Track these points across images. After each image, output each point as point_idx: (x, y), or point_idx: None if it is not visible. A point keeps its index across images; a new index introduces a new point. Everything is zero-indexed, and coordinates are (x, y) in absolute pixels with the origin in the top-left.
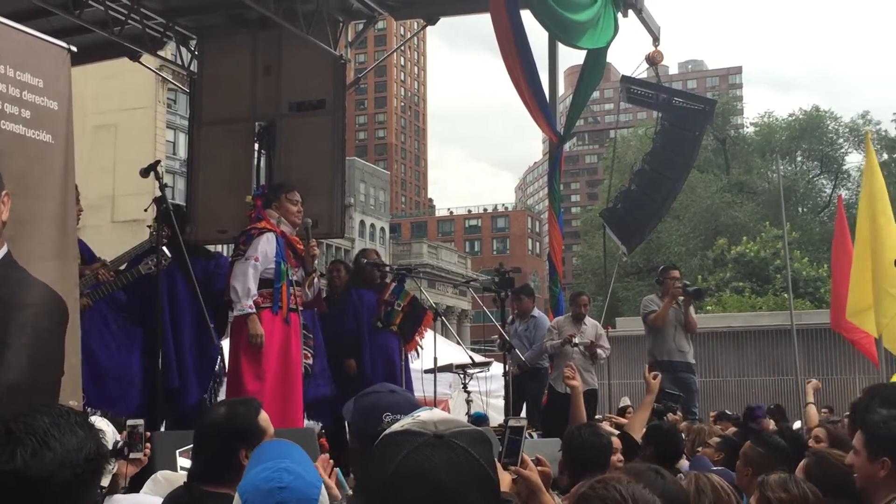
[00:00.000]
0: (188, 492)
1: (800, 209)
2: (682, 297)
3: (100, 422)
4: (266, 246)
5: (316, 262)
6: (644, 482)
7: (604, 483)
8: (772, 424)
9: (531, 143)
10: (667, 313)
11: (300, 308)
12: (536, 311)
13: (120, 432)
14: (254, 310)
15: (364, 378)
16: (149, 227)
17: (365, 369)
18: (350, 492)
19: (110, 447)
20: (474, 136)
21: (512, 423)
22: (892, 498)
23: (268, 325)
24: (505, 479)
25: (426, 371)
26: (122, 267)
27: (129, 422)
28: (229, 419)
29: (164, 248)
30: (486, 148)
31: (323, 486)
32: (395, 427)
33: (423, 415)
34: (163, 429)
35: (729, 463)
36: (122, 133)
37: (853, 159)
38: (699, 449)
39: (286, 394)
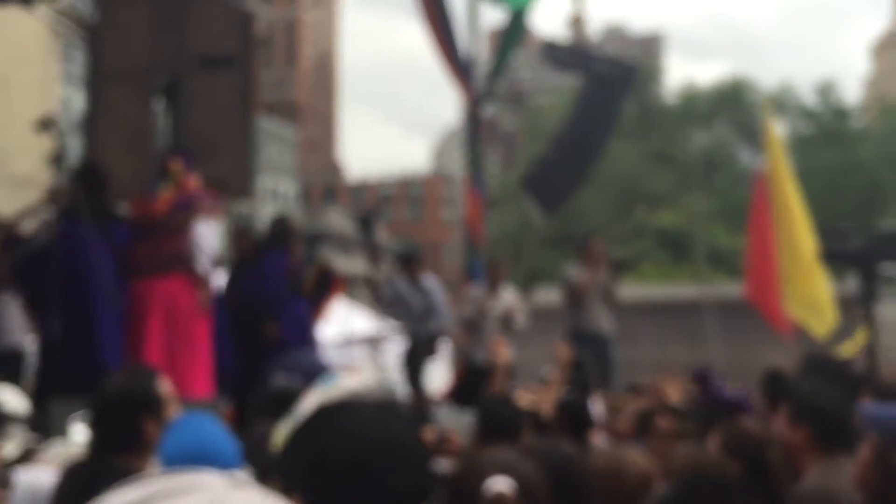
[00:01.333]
0: (90, 463)
1: (719, 179)
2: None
3: (4, 389)
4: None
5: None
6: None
7: (470, 456)
8: None
9: (445, 107)
10: (591, 282)
11: None
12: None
13: None
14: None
15: (282, 343)
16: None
17: (283, 335)
18: None
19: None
20: (384, 97)
21: None
22: (817, 466)
23: (185, 293)
24: None
25: (338, 343)
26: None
27: None
28: (131, 388)
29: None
30: (397, 110)
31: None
32: (316, 397)
33: (345, 384)
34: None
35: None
36: (11, 86)
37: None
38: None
39: (207, 361)
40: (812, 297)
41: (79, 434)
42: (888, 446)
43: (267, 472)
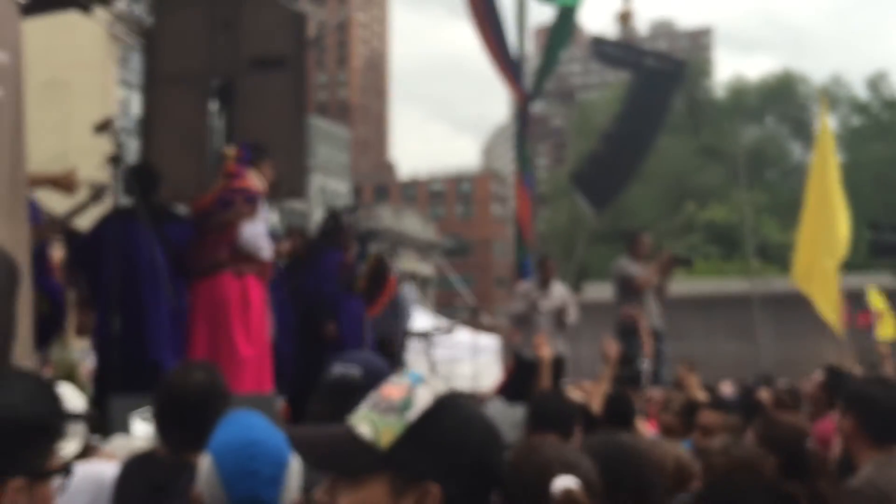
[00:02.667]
0: (153, 455)
1: (769, 173)
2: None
3: (65, 388)
4: (262, 210)
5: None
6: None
7: (529, 447)
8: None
9: (493, 104)
10: (654, 278)
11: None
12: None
13: None
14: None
15: (340, 342)
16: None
17: (341, 333)
18: None
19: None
20: (433, 96)
21: None
22: (870, 459)
23: (254, 291)
24: None
25: None
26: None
27: None
28: (212, 385)
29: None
30: (445, 109)
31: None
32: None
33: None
34: None
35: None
36: (72, 90)
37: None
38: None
39: (261, 359)
40: (831, 290)
41: (140, 429)
42: None
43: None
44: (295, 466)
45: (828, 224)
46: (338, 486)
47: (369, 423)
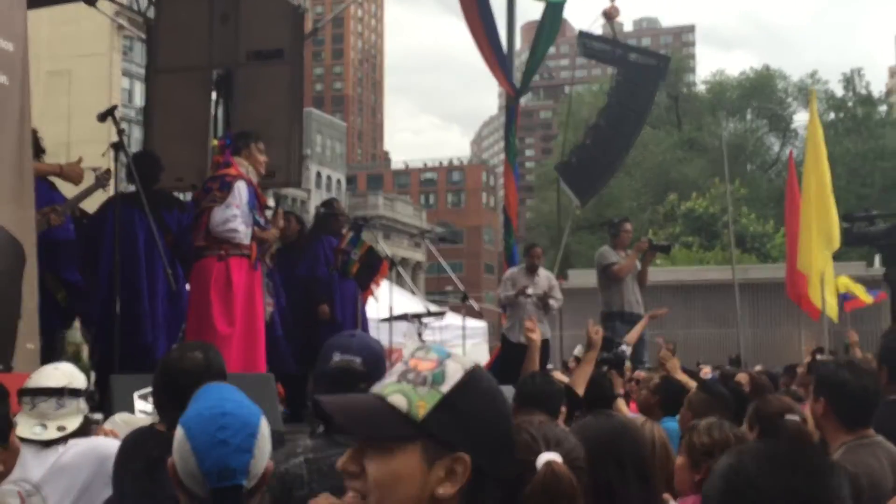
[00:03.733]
0: (155, 433)
1: (749, 166)
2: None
3: (65, 366)
4: (240, 194)
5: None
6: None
7: (516, 426)
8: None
9: (481, 96)
10: (632, 265)
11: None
12: None
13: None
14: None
15: (335, 323)
16: (94, 170)
17: (335, 315)
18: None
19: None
20: (423, 88)
21: None
22: (840, 443)
23: (237, 272)
24: None
25: (382, 320)
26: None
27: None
28: (208, 365)
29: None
30: (435, 100)
31: (263, 418)
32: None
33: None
34: None
35: (664, 406)
36: (76, 80)
37: (801, 118)
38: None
39: (250, 340)
40: (829, 280)
41: (141, 407)
42: None
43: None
44: (265, 435)
45: (825, 213)
46: (366, 453)
47: (402, 394)
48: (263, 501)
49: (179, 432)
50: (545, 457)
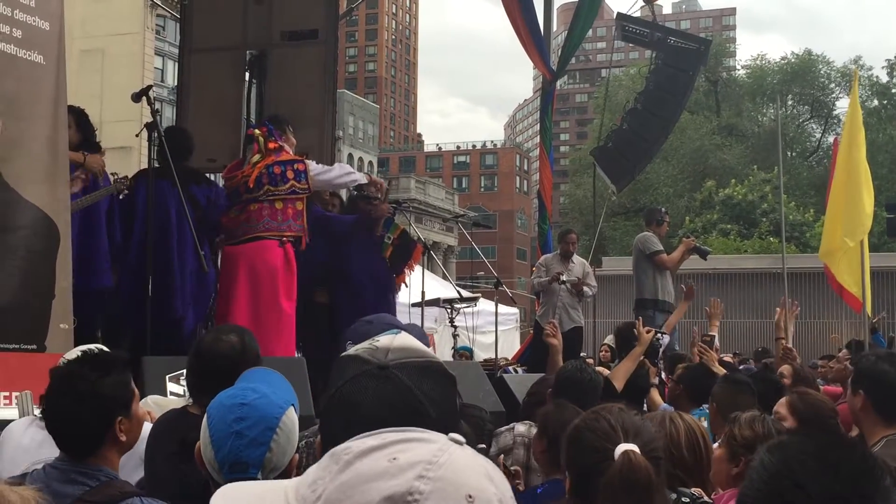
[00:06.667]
0: (188, 415)
1: (789, 153)
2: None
3: (98, 347)
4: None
5: None
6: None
7: (595, 414)
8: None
9: (509, 78)
10: (678, 260)
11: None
12: None
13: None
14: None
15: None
16: (113, 174)
17: (356, 295)
18: None
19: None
20: (449, 70)
21: None
22: (881, 437)
23: (293, 257)
24: None
25: (414, 305)
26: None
27: None
28: (244, 348)
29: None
30: (462, 83)
31: (291, 409)
32: (350, 351)
33: (383, 340)
34: None
35: (689, 396)
36: (109, 59)
37: (843, 104)
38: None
39: (289, 324)
40: (856, 270)
41: (173, 389)
42: None
43: None
44: (289, 428)
45: (852, 202)
46: None
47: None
48: None
49: (205, 418)
50: (623, 447)
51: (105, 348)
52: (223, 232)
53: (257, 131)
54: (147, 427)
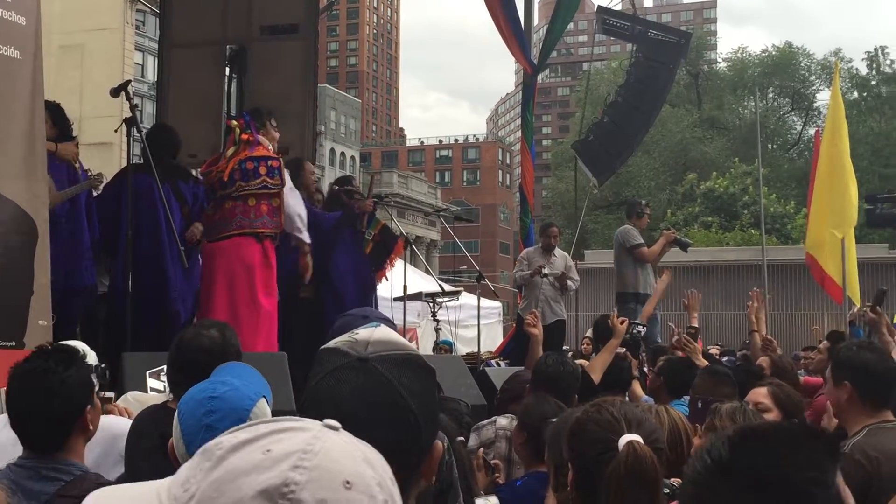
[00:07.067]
0: (168, 411)
1: (770, 146)
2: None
3: (77, 343)
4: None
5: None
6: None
7: (597, 406)
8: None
9: (491, 72)
10: (658, 253)
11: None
12: None
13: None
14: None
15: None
16: (87, 170)
17: (339, 290)
18: None
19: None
20: (430, 64)
21: None
22: (863, 426)
23: (272, 253)
24: None
25: (396, 299)
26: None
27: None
28: (225, 343)
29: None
30: (443, 77)
31: (263, 401)
32: (330, 344)
33: (362, 333)
34: None
35: (669, 388)
36: (89, 54)
37: (824, 97)
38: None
39: (270, 320)
40: (847, 260)
41: (154, 385)
42: None
43: None
44: (261, 414)
45: (838, 194)
46: None
47: None
48: None
49: (176, 413)
50: (627, 437)
51: (82, 343)
52: (206, 227)
53: (234, 122)
54: (125, 423)
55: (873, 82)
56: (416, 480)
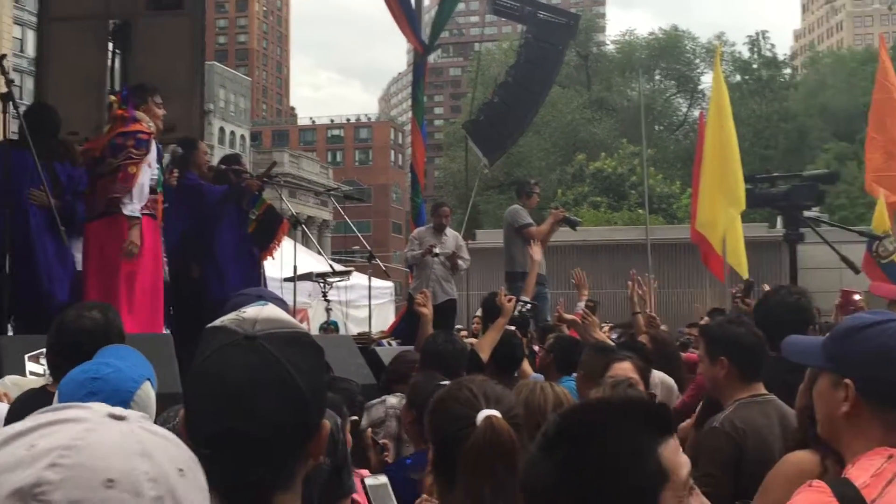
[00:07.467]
0: (48, 395)
1: (657, 127)
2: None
3: None
4: (153, 152)
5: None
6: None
7: (458, 384)
8: None
9: (382, 51)
10: (547, 232)
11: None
12: None
13: None
14: (140, 216)
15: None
16: None
17: (221, 267)
18: None
19: None
20: (320, 42)
21: None
22: (734, 401)
23: (147, 232)
24: None
25: (286, 279)
26: None
27: None
28: (107, 325)
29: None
30: (334, 55)
31: (147, 384)
32: (216, 322)
33: (250, 311)
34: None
35: (559, 365)
36: None
37: (708, 79)
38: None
39: (153, 301)
40: (735, 238)
41: (33, 368)
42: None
43: None
44: (144, 403)
45: (729, 173)
46: None
47: None
48: None
49: (56, 395)
50: (485, 412)
51: None
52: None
53: (112, 97)
54: (3, 408)
55: (755, 66)
56: (305, 459)
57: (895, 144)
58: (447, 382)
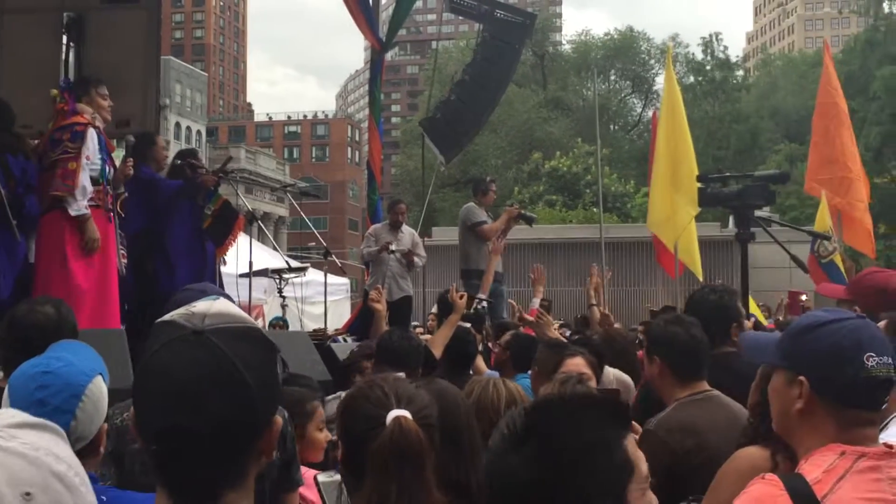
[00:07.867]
0: None
1: (612, 127)
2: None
3: None
4: (91, 143)
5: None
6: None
7: (369, 383)
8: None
9: (339, 48)
10: (501, 228)
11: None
12: None
13: None
14: (89, 212)
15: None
16: None
17: (172, 262)
18: None
19: None
20: (276, 38)
21: None
22: (676, 399)
23: (97, 224)
24: None
25: (241, 275)
26: None
27: None
28: (60, 320)
29: None
30: (290, 52)
31: (99, 379)
32: (166, 317)
33: (200, 305)
34: None
35: (515, 363)
36: None
37: (662, 80)
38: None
39: (105, 295)
40: (689, 238)
41: None
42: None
43: None
44: (96, 397)
45: (684, 173)
46: None
47: None
48: (104, 461)
49: (6, 389)
50: (395, 412)
51: None
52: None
53: (54, 91)
54: None
55: (708, 67)
56: (256, 457)
57: (835, 148)
58: None
